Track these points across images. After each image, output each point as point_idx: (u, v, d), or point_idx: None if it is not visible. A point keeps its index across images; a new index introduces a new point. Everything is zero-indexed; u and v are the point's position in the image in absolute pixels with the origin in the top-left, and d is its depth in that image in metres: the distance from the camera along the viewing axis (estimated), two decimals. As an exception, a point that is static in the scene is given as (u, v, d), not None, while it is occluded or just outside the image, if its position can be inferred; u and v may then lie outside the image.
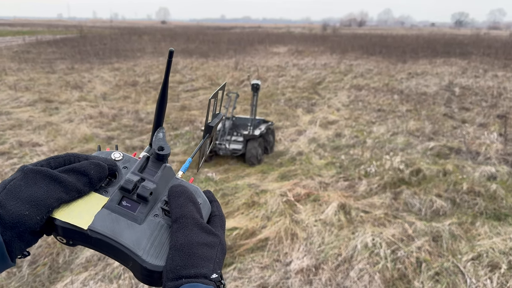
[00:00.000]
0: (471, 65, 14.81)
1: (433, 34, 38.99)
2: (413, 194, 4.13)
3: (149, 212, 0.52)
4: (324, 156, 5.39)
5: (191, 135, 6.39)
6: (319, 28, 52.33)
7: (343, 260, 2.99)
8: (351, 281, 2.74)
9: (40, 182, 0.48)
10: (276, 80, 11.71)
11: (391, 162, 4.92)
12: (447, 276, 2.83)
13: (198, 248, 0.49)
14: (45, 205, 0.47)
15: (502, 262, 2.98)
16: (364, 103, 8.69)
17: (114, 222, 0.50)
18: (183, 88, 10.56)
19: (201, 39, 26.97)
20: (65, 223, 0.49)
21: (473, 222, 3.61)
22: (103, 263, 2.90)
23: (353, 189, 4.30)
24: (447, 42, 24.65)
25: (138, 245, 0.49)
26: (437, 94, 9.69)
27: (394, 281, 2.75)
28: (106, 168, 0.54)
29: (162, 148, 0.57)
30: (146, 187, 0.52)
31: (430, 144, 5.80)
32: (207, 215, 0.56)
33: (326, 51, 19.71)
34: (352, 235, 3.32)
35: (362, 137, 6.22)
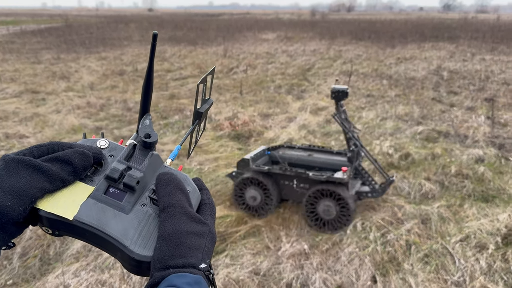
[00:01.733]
0: (459, 49, 14.88)
1: (421, 18, 39.01)
2: (403, 178, 4.17)
3: (136, 201, 0.51)
4: (314, 143, 5.40)
5: (181, 124, 6.36)
6: (308, 14, 52.04)
7: (333, 244, 3.03)
8: (341, 264, 2.78)
9: (22, 172, 0.47)
10: (266, 67, 11.66)
11: (381, 147, 4.95)
12: (436, 257, 2.88)
13: (186, 237, 0.48)
14: (28, 196, 0.46)
15: (490, 242, 3.03)
16: (354, 89, 8.70)
17: (100, 212, 0.49)
18: (172, 77, 10.47)
19: (189, 26, 26.67)
20: (50, 214, 0.48)
21: (461, 204, 3.67)
22: (95, 253, 2.89)
23: (343, 174, 4.32)
24: (435, 27, 24.70)
25: (125, 235, 0.48)
26: (425, 78, 9.74)
27: (384, 264, 2.79)
28: (91, 157, 0.52)
29: (149, 136, 0.55)
30: (132, 176, 0.51)
31: (419, 128, 5.84)
32: (196, 204, 0.54)
33: (315, 37, 19.63)
34: (343, 219, 3.35)
35: (355, 124, 6.24)
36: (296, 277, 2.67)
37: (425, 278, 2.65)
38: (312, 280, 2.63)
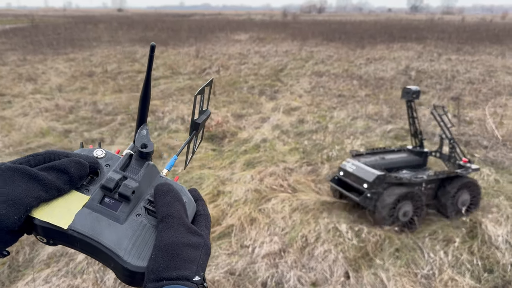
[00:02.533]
0: (426, 49, 15.33)
1: (390, 19, 39.95)
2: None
3: (131, 212, 0.51)
4: (287, 142, 5.46)
5: (153, 126, 6.29)
6: (280, 15, 52.37)
7: (305, 243, 3.07)
8: (316, 261, 2.82)
9: (18, 181, 0.46)
10: (239, 67, 11.67)
11: (352, 146, 5.05)
12: (407, 252, 2.97)
13: (182, 249, 0.47)
14: (23, 204, 0.46)
15: (456, 236, 3.15)
16: (325, 89, 8.84)
17: (95, 221, 0.49)
18: (143, 78, 10.30)
19: (160, 26, 26.37)
20: (45, 223, 0.48)
21: (429, 200, 3.79)
22: (66, 258, 2.83)
23: (316, 173, 4.39)
24: (403, 27, 25.34)
25: (119, 245, 0.48)
26: (394, 78, 9.99)
27: (357, 260, 2.86)
28: (87, 166, 0.52)
29: (146, 146, 0.55)
30: (128, 186, 0.51)
31: (388, 127, 5.99)
32: (192, 215, 0.54)
33: (287, 38, 19.79)
34: (318, 218, 3.41)
35: (324, 123, 6.34)
36: (271, 276, 2.70)
37: (396, 273, 2.73)
38: (287, 278, 2.67)
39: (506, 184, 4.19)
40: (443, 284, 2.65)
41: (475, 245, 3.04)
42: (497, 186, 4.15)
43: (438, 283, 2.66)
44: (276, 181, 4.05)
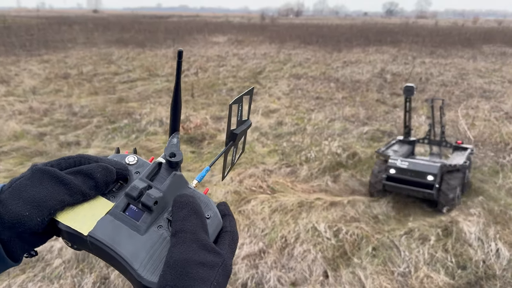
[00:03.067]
0: (401, 52, 15.67)
1: (366, 23, 40.64)
2: (351, 176, 4.35)
3: (153, 223, 0.49)
4: (267, 144, 5.49)
5: (130, 128, 6.22)
6: (258, 18, 52.58)
7: (285, 243, 3.10)
8: (295, 261, 2.85)
9: (45, 183, 0.46)
10: (217, 70, 11.66)
11: (330, 147, 5.12)
12: (384, 250, 3.03)
13: (193, 267, 0.44)
14: (46, 207, 0.46)
15: (431, 234, 3.24)
16: (303, 92, 8.92)
17: (116, 230, 0.47)
18: (119, 80, 10.20)
19: (137, 28, 26.08)
20: (67, 227, 0.47)
21: (406, 201, 3.88)
22: (42, 263, 2.78)
23: (295, 174, 4.44)
24: (378, 31, 25.83)
25: (136, 258, 0.46)
26: (370, 81, 10.17)
27: (336, 259, 2.91)
28: (114, 172, 0.51)
29: (174, 155, 0.54)
30: (150, 196, 0.49)
31: (365, 129, 6.10)
32: (216, 231, 0.51)
33: (265, 41, 19.89)
34: (297, 219, 3.44)
35: (302, 124, 6.41)
36: (251, 277, 2.71)
37: (373, 271, 2.79)
38: (267, 278, 2.69)
39: (478, 183, 4.33)
40: (419, 281, 2.72)
41: (449, 243, 3.13)
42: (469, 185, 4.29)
43: (414, 281, 2.73)
44: (256, 182, 4.07)
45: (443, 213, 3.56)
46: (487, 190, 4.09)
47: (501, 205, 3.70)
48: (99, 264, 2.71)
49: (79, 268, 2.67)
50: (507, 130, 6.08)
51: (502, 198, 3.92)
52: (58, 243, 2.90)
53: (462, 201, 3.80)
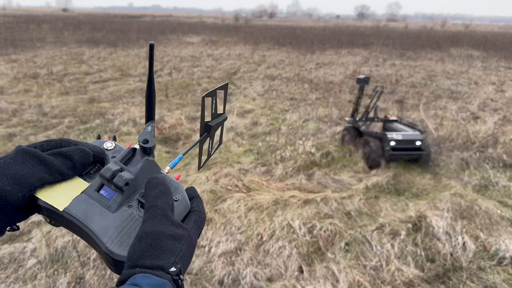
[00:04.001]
0: (372, 54, 16.01)
1: (338, 26, 41.27)
2: (324, 175, 4.43)
3: (124, 202, 0.53)
4: (242, 144, 5.52)
5: (103, 128, 6.12)
6: (232, 19, 52.55)
7: (260, 241, 3.14)
8: (271, 258, 2.90)
9: (27, 162, 0.50)
10: (191, 70, 11.60)
11: (304, 147, 5.20)
12: (356, 245, 3.12)
13: (161, 239, 0.48)
14: (27, 184, 0.49)
15: (402, 229, 3.35)
16: (278, 92, 9.00)
17: (89, 207, 0.51)
18: (91, 80, 10.01)
19: (108, 27, 25.61)
20: (45, 203, 0.51)
21: (377, 197, 3.99)
22: (14, 264, 2.71)
23: (270, 173, 4.49)
24: (350, 34, 26.29)
25: (105, 232, 0.50)
26: (342, 82, 10.36)
27: (310, 254, 2.97)
28: (91, 155, 0.55)
29: (147, 141, 0.57)
30: (122, 177, 0.53)
31: (337, 129, 6.22)
32: (183, 212, 0.55)
33: (240, 42, 19.92)
34: (272, 217, 3.49)
35: (277, 125, 6.47)
36: (227, 274, 2.74)
37: (346, 265, 2.86)
38: (243, 275, 2.72)
39: (444, 179, 4.50)
40: (390, 274, 2.81)
41: (418, 237, 3.25)
42: (437, 181, 4.45)
43: (386, 274, 2.81)
44: (231, 181, 4.10)
45: (409, 207, 3.68)
46: (454, 186, 4.25)
47: (467, 201, 3.86)
48: (74, 264, 2.67)
49: (54, 268, 2.63)
50: (473, 130, 6.32)
51: (468, 194, 4.08)
52: (31, 244, 2.84)
53: (431, 197, 3.95)
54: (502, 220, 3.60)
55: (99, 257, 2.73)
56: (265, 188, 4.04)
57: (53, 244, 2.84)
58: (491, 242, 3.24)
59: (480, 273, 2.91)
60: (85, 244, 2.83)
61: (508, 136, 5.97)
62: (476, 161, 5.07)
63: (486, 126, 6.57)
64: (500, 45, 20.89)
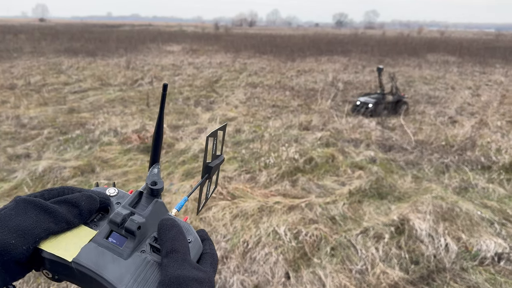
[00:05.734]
0: (351, 62, 16.26)
1: (317, 34, 41.81)
2: (308, 180, 4.46)
3: (136, 248, 0.51)
4: (225, 152, 5.51)
5: (83, 139, 6.03)
6: (212, 27, 52.67)
7: (247, 248, 3.14)
8: (257, 265, 2.89)
9: (30, 212, 0.48)
10: (173, 79, 11.56)
11: (287, 153, 5.23)
12: (342, 250, 3.14)
13: (188, 283, 0.46)
14: (32, 235, 0.47)
15: (386, 232, 3.39)
16: (260, 100, 9.04)
17: (100, 256, 0.49)
18: (70, 90, 9.87)
19: (87, 37, 25.34)
20: (51, 255, 0.48)
21: (360, 201, 4.04)
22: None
23: (254, 180, 4.49)
24: (330, 41, 26.66)
25: (121, 280, 0.47)
26: (323, 89, 10.48)
27: (296, 260, 2.97)
28: (97, 201, 0.53)
29: (155, 183, 0.56)
30: (134, 221, 0.51)
31: (319, 135, 6.28)
32: (197, 254, 0.54)
33: (221, 50, 19.97)
34: (258, 223, 3.49)
35: (260, 132, 6.49)
36: (214, 282, 2.72)
37: (332, 270, 2.88)
38: (230, 283, 2.70)
39: (425, 182, 4.59)
40: (375, 277, 2.84)
41: (402, 240, 3.29)
42: (418, 184, 4.53)
43: (371, 277, 2.84)
44: (216, 189, 4.08)
45: (391, 210, 3.74)
46: (435, 189, 4.33)
47: (448, 203, 3.93)
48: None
49: None
50: (451, 133, 6.47)
51: (449, 196, 4.16)
52: None
53: (412, 200, 4.01)
54: (482, 221, 3.68)
55: None
56: (249, 195, 4.04)
57: None
58: (472, 243, 3.31)
59: (463, 273, 2.96)
60: None
61: (485, 139, 6.13)
62: (455, 164, 5.19)
63: (464, 129, 6.73)
64: (474, 50, 21.51)
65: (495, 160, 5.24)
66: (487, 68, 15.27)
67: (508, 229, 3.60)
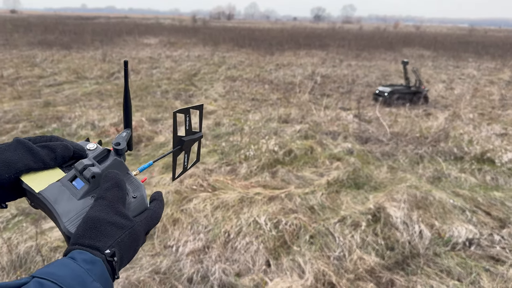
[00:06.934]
0: (329, 56, 16.42)
1: (295, 27, 41.92)
2: (288, 172, 4.54)
3: (89, 193, 0.60)
4: (206, 145, 5.53)
5: (60, 133, 5.94)
6: (189, 20, 52.10)
7: (228, 238, 3.19)
8: (239, 254, 2.95)
9: (18, 150, 0.59)
10: (150, 72, 11.44)
11: (267, 145, 5.29)
12: (320, 238, 3.23)
13: (102, 224, 0.54)
14: (14, 167, 0.58)
15: (362, 221, 3.50)
16: (239, 93, 9.06)
17: (60, 193, 0.60)
18: (45, 83, 9.66)
19: (61, 29, 24.73)
20: (26, 185, 0.59)
21: (338, 191, 4.14)
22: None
23: (235, 172, 4.54)
24: (308, 35, 26.80)
25: (67, 215, 0.57)
26: (302, 83, 10.57)
27: (277, 248, 3.04)
28: (71, 150, 0.64)
29: (119, 144, 0.66)
30: (90, 170, 0.61)
31: (298, 128, 6.36)
32: (138, 209, 0.62)
33: (199, 43, 19.83)
34: (239, 214, 3.54)
35: (240, 125, 6.53)
36: (196, 271, 2.76)
37: (311, 256, 2.96)
38: (212, 271, 2.75)
39: (400, 173, 4.73)
40: (353, 263, 2.93)
41: (378, 228, 3.40)
42: (394, 175, 4.67)
43: (349, 263, 2.94)
44: (196, 181, 4.11)
45: (368, 199, 3.85)
46: (409, 178, 4.47)
47: (422, 192, 4.07)
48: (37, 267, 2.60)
49: (17, 274, 2.55)
50: (425, 125, 6.66)
51: (423, 186, 4.31)
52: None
53: (388, 189, 4.14)
54: (454, 209, 3.83)
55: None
56: (230, 187, 4.08)
57: (15, 249, 2.76)
58: (445, 230, 3.45)
59: (436, 258, 3.09)
60: (50, 248, 2.77)
61: (458, 131, 6.33)
62: (429, 155, 5.36)
63: (437, 122, 6.93)
64: (448, 45, 22.02)
65: (467, 151, 5.43)
66: (460, 62, 15.69)
67: (478, 216, 3.76)
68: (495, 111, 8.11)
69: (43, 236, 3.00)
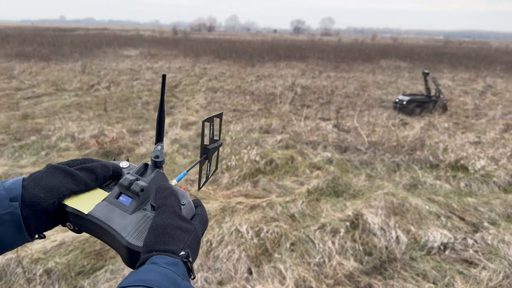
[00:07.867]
0: (309, 67, 16.69)
1: (276, 39, 42.42)
2: (269, 181, 4.61)
3: (139, 206, 0.63)
4: (187, 155, 5.57)
5: (40, 145, 5.89)
6: (170, 32, 52.13)
7: (210, 247, 3.22)
8: (221, 262, 2.99)
9: (57, 175, 0.61)
10: (131, 83, 11.42)
11: (249, 155, 5.36)
12: (301, 245, 3.30)
13: (171, 229, 0.57)
14: (57, 192, 0.59)
15: (341, 227, 3.59)
16: (221, 104, 9.14)
17: (109, 211, 0.61)
18: (23, 95, 9.55)
19: (39, 41, 24.42)
20: (72, 209, 0.61)
21: (318, 199, 4.23)
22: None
23: (217, 182, 4.58)
24: (288, 47, 27.16)
25: (125, 229, 0.59)
26: (282, 94, 10.72)
27: (258, 256, 3.10)
28: (110, 169, 0.66)
29: (158, 157, 0.68)
30: (138, 184, 0.63)
31: (279, 138, 6.46)
32: (189, 215, 0.64)
33: (180, 55, 19.87)
34: (221, 223, 3.58)
35: (221, 135, 6.57)
36: (179, 280, 2.78)
37: (292, 263, 3.02)
38: (194, 280, 2.78)
39: (378, 180, 4.86)
40: (332, 268, 3.01)
41: (356, 234, 3.50)
42: (371, 182, 4.79)
43: (329, 269, 3.01)
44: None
45: (347, 206, 3.95)
46: (386, 186, 4.60)
47: (399, 199, 4.20)
48: (19, 281, 2.59)
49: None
50: (402, 135, 6.85)
51: (399, 193, 4.44)
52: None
53: (366, 197, 4.25)
54: (430, 215, 3.96)
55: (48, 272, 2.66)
56: (212, 197, 4.12)
57: (-6, 262, 2.73)
58: (421, 235, 3.57)
59: (412, 262, 3.20)
60: (31, 260, 2.75)
61: (434, 140, 6.54)
62: (406, 163, 5.51)
63: (414, 131, 7.14)
64: (424, 56, 22.65)
65: (442, 159, 5.61)
66: (436, 73, 16.16)
67: (453, 221, 3.90)
68: (469, 120, 8.39)
69: (24, 248, 2.98)
